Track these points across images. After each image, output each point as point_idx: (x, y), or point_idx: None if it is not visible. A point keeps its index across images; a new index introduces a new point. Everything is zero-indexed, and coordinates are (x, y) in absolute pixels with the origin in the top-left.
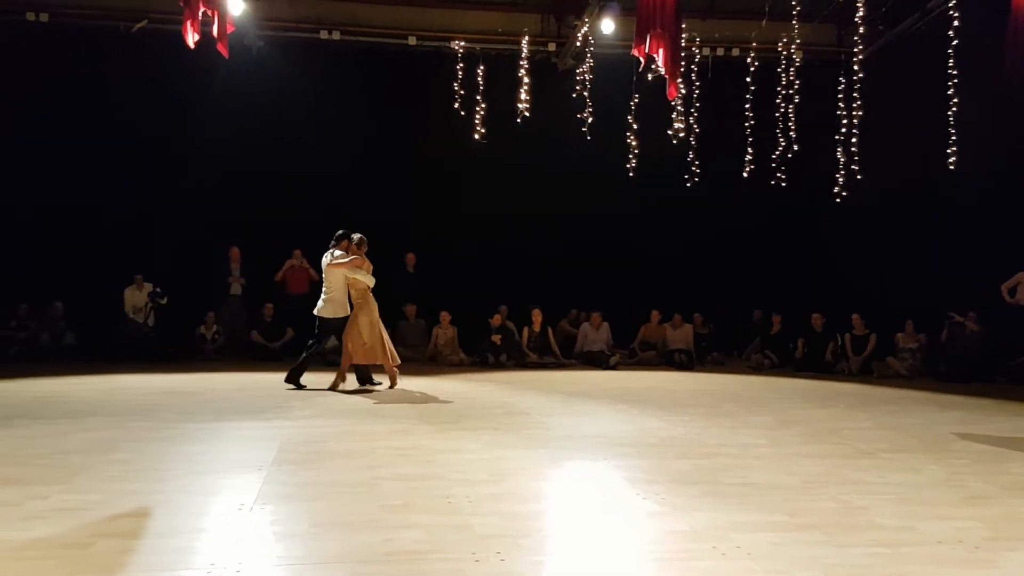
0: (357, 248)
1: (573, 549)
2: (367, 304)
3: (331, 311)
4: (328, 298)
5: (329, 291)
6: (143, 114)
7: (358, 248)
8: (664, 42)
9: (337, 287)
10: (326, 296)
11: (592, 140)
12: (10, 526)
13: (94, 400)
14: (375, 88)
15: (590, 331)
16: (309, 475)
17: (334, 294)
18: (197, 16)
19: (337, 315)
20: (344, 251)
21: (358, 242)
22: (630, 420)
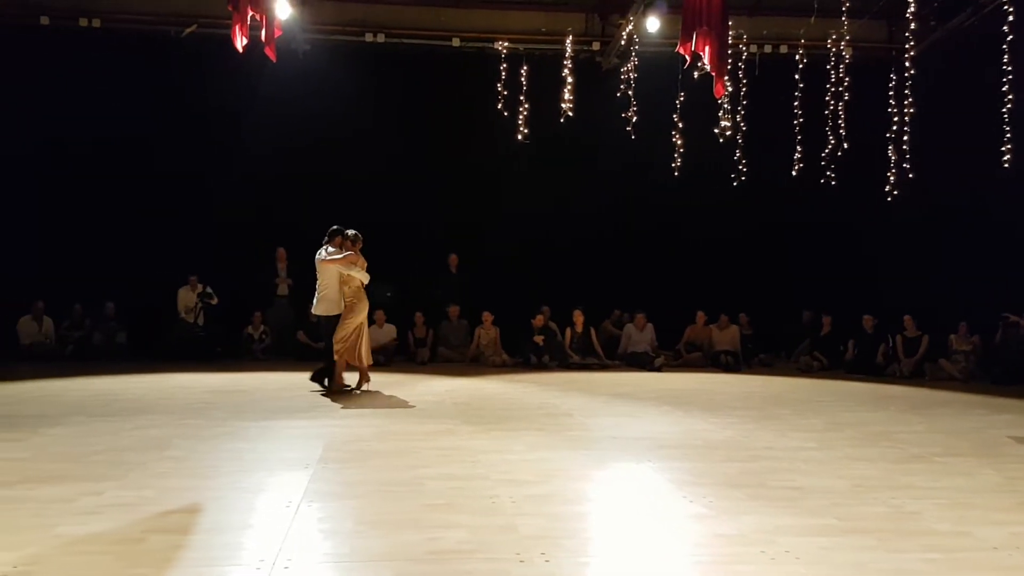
0: (352, 244)
1: (618, 551)
2: (360, 303)
3: (324, 309)
4: (322, 296)
5: (323, 288)
6: (191, 118)
7: (353, 244)
8: (711, 40)
9: (331, 284)
10: (320, 294)
11: (637, 139)
12: (66, 521)
13: (146, 398)
14: (418, 90)
15: (634, 332)
16: (354, 474)
17: (328, 292)
18: (246, 20)
19: (331, 312)
20: (338, 248)
21: (352, 238)
22: (675, 422)
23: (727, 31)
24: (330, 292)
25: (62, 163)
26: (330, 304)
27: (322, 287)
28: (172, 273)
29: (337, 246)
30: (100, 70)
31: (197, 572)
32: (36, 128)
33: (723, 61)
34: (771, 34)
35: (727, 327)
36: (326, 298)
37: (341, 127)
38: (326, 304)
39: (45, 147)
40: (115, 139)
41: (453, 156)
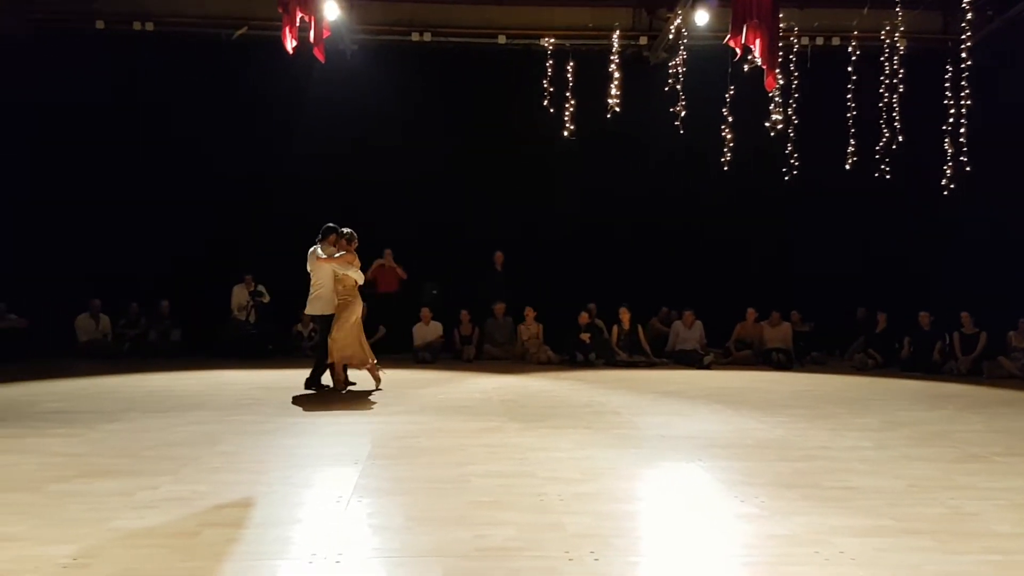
0: (347, 244)
1: (668, 551)
2: (355, 302)
3: (319, 308)
4: (317, 295)
5: (317, 287)
6: (242, 119)
7: (348, 244)
8: (761, 32)
9: (326, 284)
10: (315, 293)
11: (685, 134)
12: (123, 515)
13: (199, 395)
14: (464, 88)
15: (682, 329)
16: (402, 470)
17: (322, 291)
18: (295, 22)
19: (325, 312)
20: (332, 246)
21: (348, 236)
22: (726, 421)
23: (777, 23)
24: (325, 291)
25: (117, 165)
26: (325, 304)
27: (316, 286)
28: (225, 272)
29: (331, 244)
30: (154, 73)
31: (251, 565)
32: (94, 129)
33: (774, 54)
34: (822, 26)
35: (779, 324)
36: (320, 297)
37: (388, 126)
38: (321, 304)
39: (102, 149)
40: (169, 141)
41: (499, 154)
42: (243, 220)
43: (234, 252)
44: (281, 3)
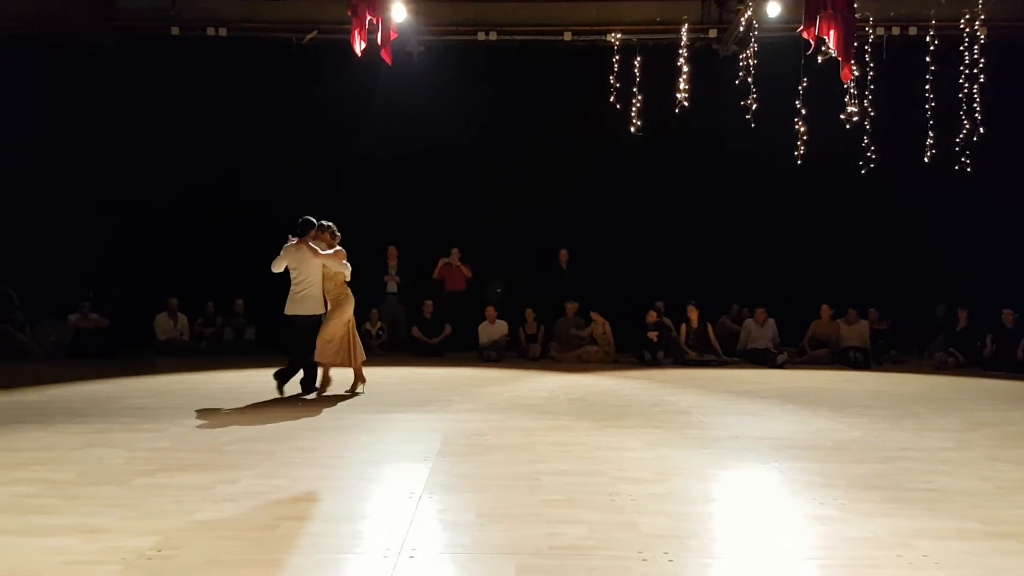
0: (331, 238)
1: (744, 553)
2: (347, 299)
3: (309, 308)
4: (305, 294)
5: (306, 286)
6: (311, 119)
7: (332, 238)
8: (836, 23)
9: (316, 282)
10: (302, 292)
11: (757, 127)
12: (205, 508)
13: (273, 391)
14: (529, 86)
15: (754, 327)
16: (472, 467)
17: (311, 289)
18: (364, 25)
19: (316, 312)
20: (312, 241)
21: (332, 230)
22: (802, 421)
23: (853, 13)
24: (314, 290)
25: (188, 168)
26: (315, 303)
27: (305, 284)
28: None
29: (312, 240)
30: (225, 77)
31: (327, 558)
32: (168, 134)
33: (849, 45)
34: (899, 15)
35: (856, 322)
36: (310, 296)
37: (453, 126)
38: (311, 303)
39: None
40: (239, 143)
41: (565, 151)
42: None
43: None
44: (351, 6)
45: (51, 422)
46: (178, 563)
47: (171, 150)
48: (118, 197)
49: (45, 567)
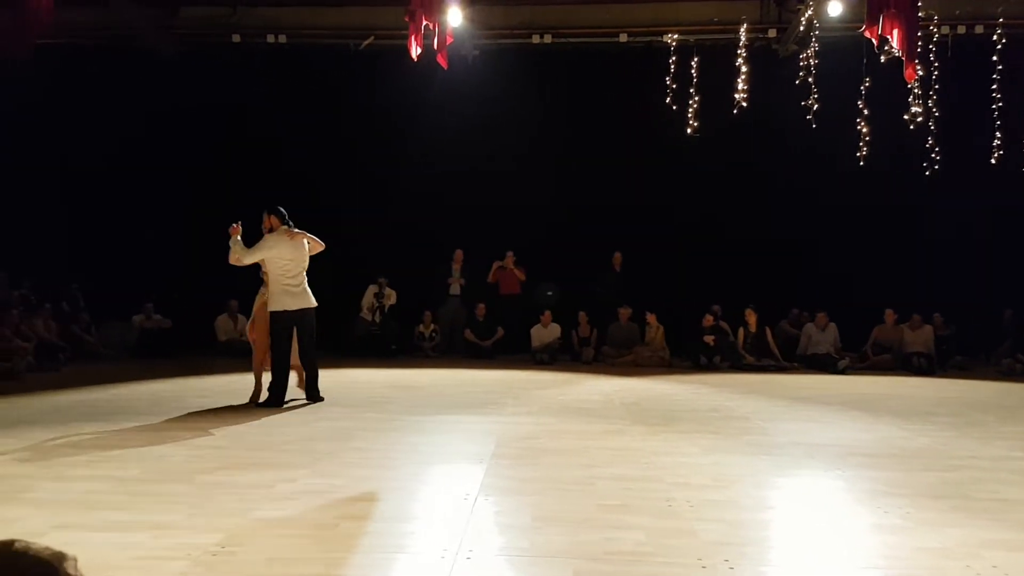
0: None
1: (807, 562)
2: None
3: (310, 300)
4: (306, 285)
5: (303, 277)
6: (366, 124)
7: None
8: (899, 22)
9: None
10: (305, 283)
11: (817, 128)
12: (266, 506)
13: (331, 391)
14: (583, 88)
15: (815, 332)
16: (527, 470)
17: (304, 281)
18: (421, 30)
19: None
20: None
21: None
22: (865, 428)
23: (916, 12)
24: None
25: (246, 173)
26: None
27: (303, 276)
28: (354, 274)
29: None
30: (285, 83)
31: (385, 558)
32: (226, 139)
33: (913, 44)
34: (965, 13)
35: (920, 327)
36: (308, 288)
37: (508, 128)
38: (310, 295)
39: (232, 159)
40: (297, 149)
41: (620, 153)
42: (371, 224)
43: (362, 255)
44: (408, 12)
45: (116, 420)
46: (241, 560)
47: (229, 156)
48: (180, 202)
49: (115, 562)
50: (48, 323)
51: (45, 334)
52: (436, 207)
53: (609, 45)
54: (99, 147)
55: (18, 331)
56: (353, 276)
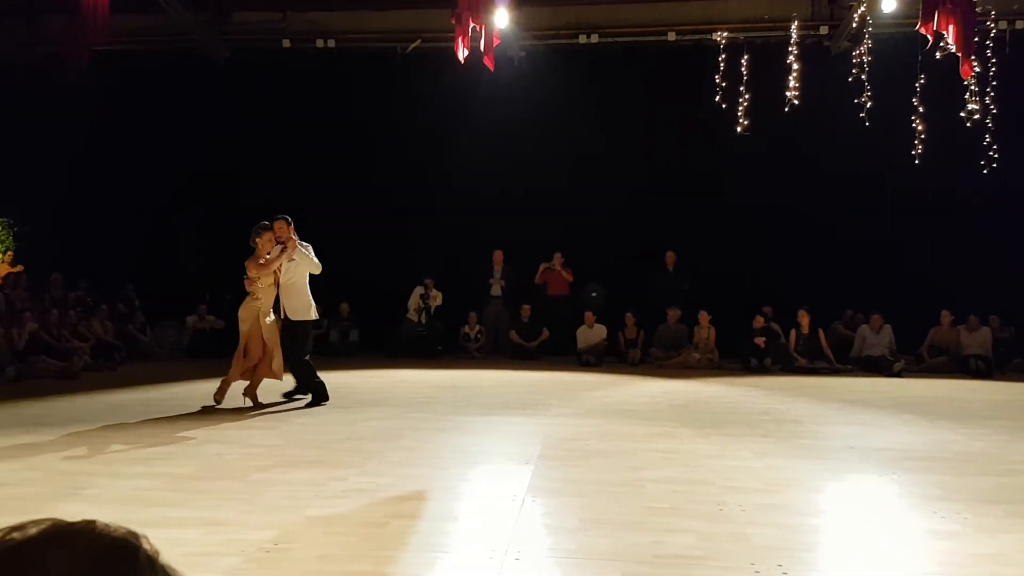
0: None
1: (863, 567)
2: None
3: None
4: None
5: (303, 287)
6: (414, 127)
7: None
8: (955, 17)
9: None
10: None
11: (871, 126)
12: (317, 504)
13: (378, 392)
14: (631, 87)
15: (869, 334)
16: (574, 472)
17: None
18: (468, 32)
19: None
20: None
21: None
22: (920, 432)
23: (973, 8)
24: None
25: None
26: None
27: (301, 285)
28: (400, 275)
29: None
30: (332, 86)
31: (434, 557)
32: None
33: (969, 40)
34: (1023, 8)
35: (977, 328)
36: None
37: (556, 128)
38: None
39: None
40: (343, 152)
41: (669, 151)
42: (417, 226)
43: (409, 257)
44: (455, 14)
45: (171, 419)
46: (293, 556)
47: (276, 159)
48: (232, 205)
49: (169, 558)
50: (104, 323)
51: (102, 334)
52: (482, 208)
53: (657, 44)
54: (152, 151)
55: (76, 331)
56: (400, 278)
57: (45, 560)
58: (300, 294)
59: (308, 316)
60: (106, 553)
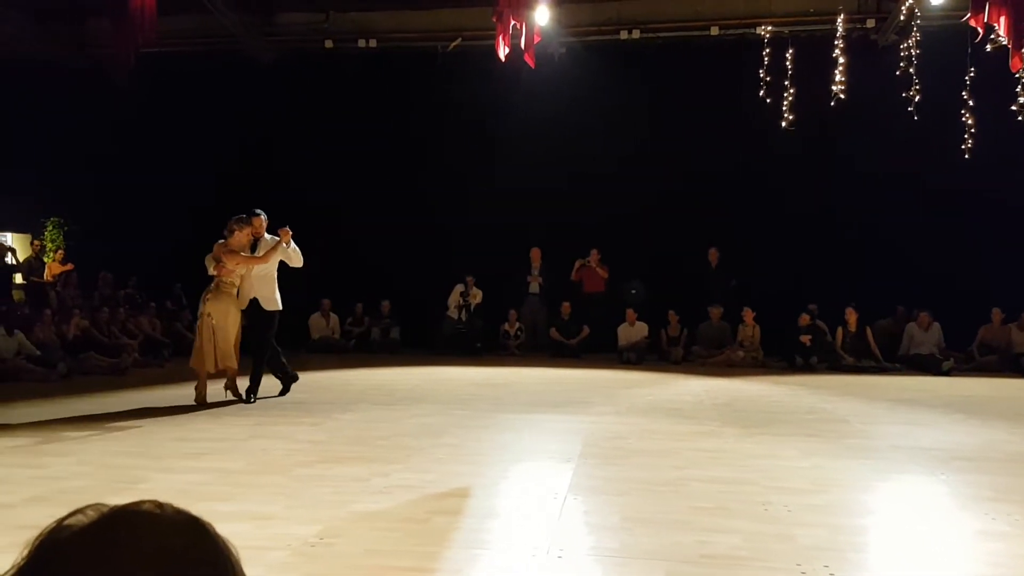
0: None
1: (911, 569)
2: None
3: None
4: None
5: (274, 278)
6: (451, 124)
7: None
8: (1006, 9)
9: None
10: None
11: (919, 120)
12: (362, 499)
13: (420, 389)
14: (672, 82)
15: (917, 332)
16: (616, 470)
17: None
18: (508, 30)
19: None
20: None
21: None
22: (971, 432)
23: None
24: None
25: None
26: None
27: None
28: (440, 273)
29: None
30: (373, 86)
31: (476, 554)
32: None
33: (1020, 32)
34: None
35: None
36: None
37: (596, 125)
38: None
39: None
40: (385, 151)
41: (710, 148)
42: (457, 224)
43: (448, 254)
44: (496, 12)
45: (219, 414)
46: (339, 551)
47: (319, 159)
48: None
49: None
50: (153, 321)
51: (150, 331)
52: (521, 206)
53: (699, 39)
54: (197, 151)
55: (125, 328)
56: (440, 276)
57: (130, 539)
58: (273, 285)
59: (279, 306)
60: (186, 528)
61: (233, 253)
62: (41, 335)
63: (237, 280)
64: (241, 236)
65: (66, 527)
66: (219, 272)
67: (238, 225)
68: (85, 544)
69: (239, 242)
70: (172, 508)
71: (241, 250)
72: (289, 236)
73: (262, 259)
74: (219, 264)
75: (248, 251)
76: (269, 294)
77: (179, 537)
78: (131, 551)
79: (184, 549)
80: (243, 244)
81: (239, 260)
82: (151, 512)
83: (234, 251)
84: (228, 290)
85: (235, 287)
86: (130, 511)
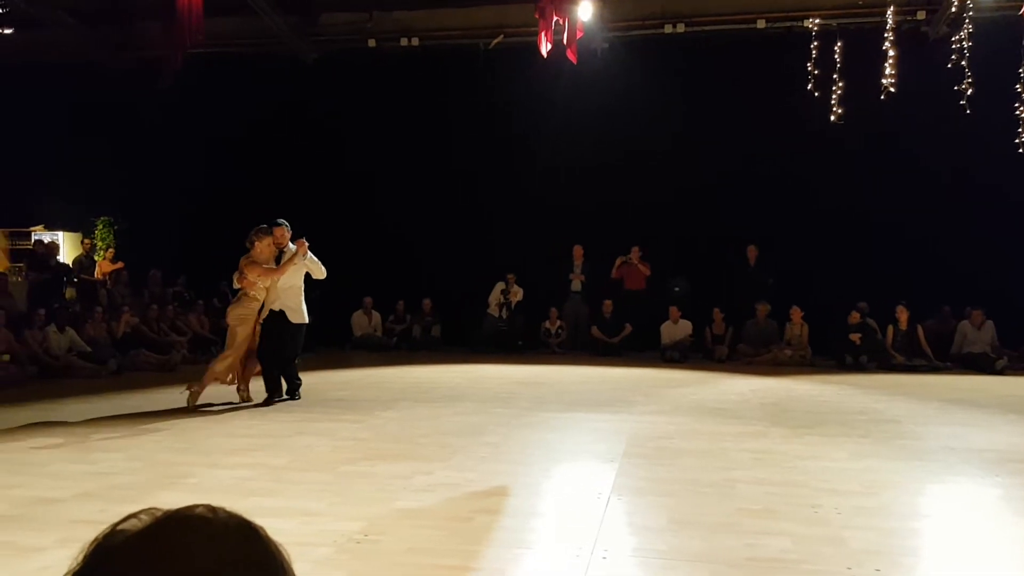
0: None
1: (964, 572)
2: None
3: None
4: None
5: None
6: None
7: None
8: None
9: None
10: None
11: (972, 114)
12: (404, 496)
13: (460, 387)
14: (717, 77)
15: (970, 330)
16: (660, 471)
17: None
18: (551, 26)
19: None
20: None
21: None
22: None
23: None
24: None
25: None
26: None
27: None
28: (482, 271)
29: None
30: (415, 85)
31: (520, 553)
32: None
33: None
34: None
35: None
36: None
37: (639, 121)
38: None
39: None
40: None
41: (757, 142)
42: (499, 221)
43: (488, 252)
44: (538, 8)
45: (264, 411)
46: (383, 548)
47: (362, 157)
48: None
49: None
50: (201, 318)
51: (198, 329)
52: (563, 203)
53: (746, 32)
54: (243, 151)
55: (174, 326)
56: (481, 273)
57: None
58: (299, 297)
59: (305, 319)
60: (238, 533)
61: (255, 265)
62: (92, 332)
63: (261, 294)
64: (263, 247)
65: (120, 532)
66: (242, 284)
67: (259, 236)
68: (138, 549)
69: (262, 253)
70: (224, 512)
71: (264, 262)
72: (306, 248)
73: (278, 271)
74: (241, 276)
75: (272, 263)
76: (296, 305)
77: (232, 541)
78: (184, 556)
79: (237, 553)
80: (266, 256)
81: (259, 272)
82: (204, 516)
83: (256, 263)
84: (248, 300)
85: (258, 301)
86: (183, 515)
